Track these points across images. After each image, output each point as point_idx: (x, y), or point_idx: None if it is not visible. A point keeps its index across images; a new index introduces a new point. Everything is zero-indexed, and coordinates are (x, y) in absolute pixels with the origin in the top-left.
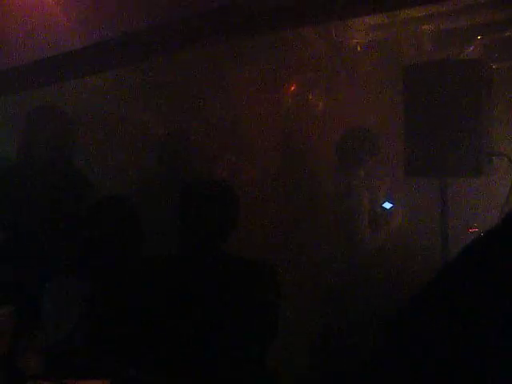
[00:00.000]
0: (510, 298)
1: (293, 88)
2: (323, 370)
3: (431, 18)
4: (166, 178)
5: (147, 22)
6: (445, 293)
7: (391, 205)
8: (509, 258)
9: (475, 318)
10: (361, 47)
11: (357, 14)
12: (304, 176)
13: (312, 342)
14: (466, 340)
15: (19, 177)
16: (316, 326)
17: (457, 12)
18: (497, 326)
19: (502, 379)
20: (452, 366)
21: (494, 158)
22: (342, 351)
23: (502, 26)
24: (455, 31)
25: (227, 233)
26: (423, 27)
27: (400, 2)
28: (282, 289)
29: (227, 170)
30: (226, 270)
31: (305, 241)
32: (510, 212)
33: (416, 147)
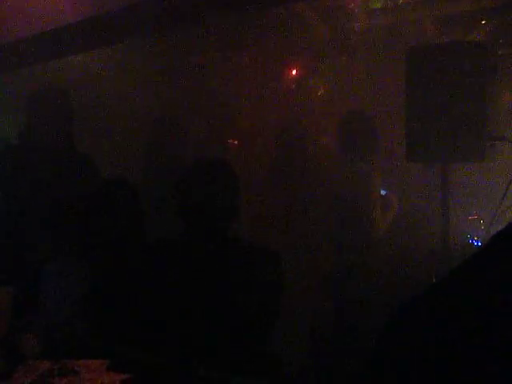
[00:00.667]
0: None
1: (294, 73)
2: (324, 357)
3: (435, 2)
4: (158, 164)
5: None
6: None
7: (384, 191)
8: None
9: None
10: (363, 31)
11: None
12: (307, 162)
13: (314, 330)
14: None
15: (22, 158)
16: (319, 314)
17: None
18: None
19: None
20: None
21: (496, 142)
22: (344, 339)
23: (507, 10)
24: (459, 16)
25: (229, 216)
26: (426, 11)
27: None
28: (285, 276)
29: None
30: (228, 255)
31: (309, 228)
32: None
33: (418, 132)
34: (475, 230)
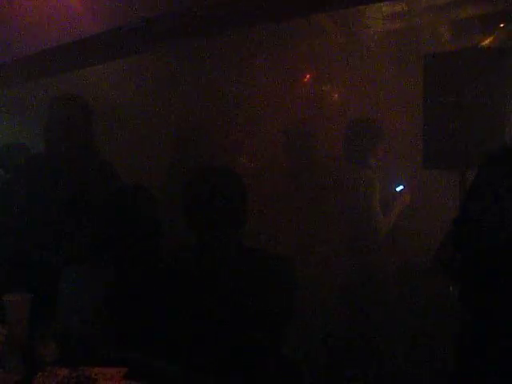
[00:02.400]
0: None
1: (308, 78)
2: (338, 359)
3: (451, 6)
4: (183, 169)
5: (165, 9)
6: None
7: (402, 187)
8: None
9: None
10: (378, 36)
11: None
12: (315, 165)
13: (328, 331)
14: None
15: (44, 165)
16: (332, 318)
17: None
18: None
19: None
20: None
21: None
22: (355, 340)
23: None
24: (476, 19)
25: (237, 222)
26: (443, 15)
27: None
28: (299, 280)
29: (246, 162)
30: (242, 261)
31: (316, 231)
32: None
33: (435, 138)
34: None
